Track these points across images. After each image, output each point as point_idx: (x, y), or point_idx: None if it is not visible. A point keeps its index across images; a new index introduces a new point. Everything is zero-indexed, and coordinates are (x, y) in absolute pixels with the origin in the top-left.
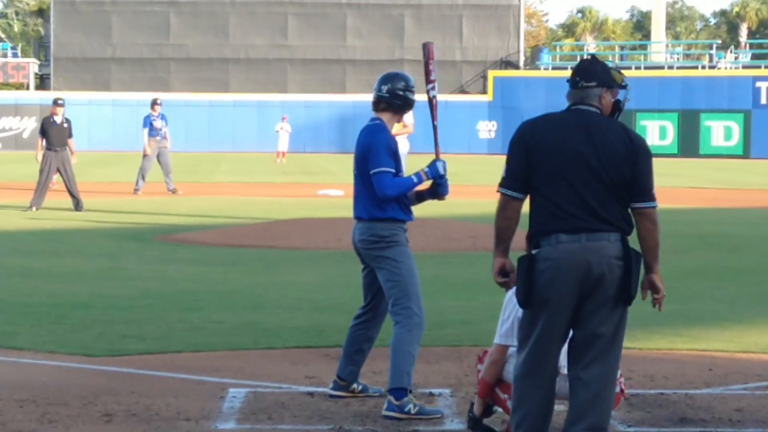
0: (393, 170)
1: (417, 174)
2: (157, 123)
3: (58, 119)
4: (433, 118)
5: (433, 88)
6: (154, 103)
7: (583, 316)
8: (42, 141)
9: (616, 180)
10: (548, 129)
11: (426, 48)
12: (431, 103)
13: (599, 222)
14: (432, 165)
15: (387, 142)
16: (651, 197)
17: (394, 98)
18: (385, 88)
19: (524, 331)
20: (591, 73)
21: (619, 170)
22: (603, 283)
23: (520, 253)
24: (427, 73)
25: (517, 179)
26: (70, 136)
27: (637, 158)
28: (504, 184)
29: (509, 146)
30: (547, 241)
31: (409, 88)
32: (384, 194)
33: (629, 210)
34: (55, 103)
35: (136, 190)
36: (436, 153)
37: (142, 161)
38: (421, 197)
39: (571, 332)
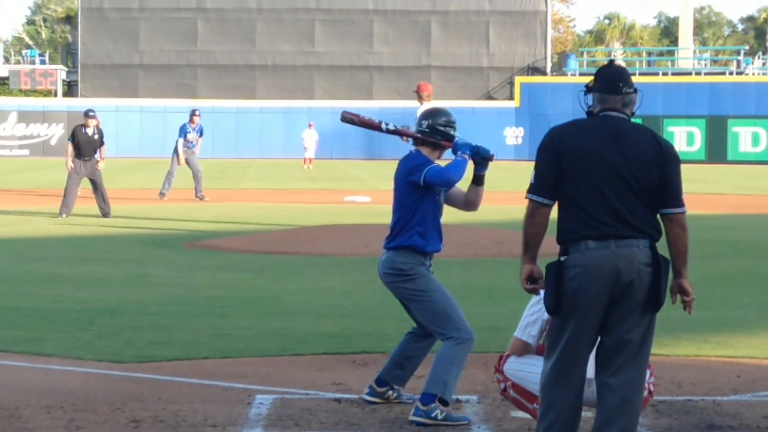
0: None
1: (459, 157)
2: (191, 135)
3: (89, 131)
4: (413, 136)
5: (386, 124)
6: (193, 114)
7: (612, 323)
8: (71, 147)
9: (646, 186)
10: (577, 135)
11: (346, 117)
12: (400, 132)
13: (628, 228)
14: (458, 144)
15: (429, 161)
16: (680, 203)
17: (434, 133)
18: (425, 123)
19: (552, 337)
20: (630, 79)
21: (648, 176)
22: (632, 289)
23: (548, 260)
24: (369, 124)
25: (546, 185)
26: (101, 144)
27: (666, 164)
28: (532, 190)
29: (538, 152)
30: (576, 248)
31: (449, 124)
32: (449, 179)
33: (658, 216)
34: (87, 114)
35: (162, 195)
36: (449, 146)
37: (170, 166)
38: (478, 179)
39: (599, 338)
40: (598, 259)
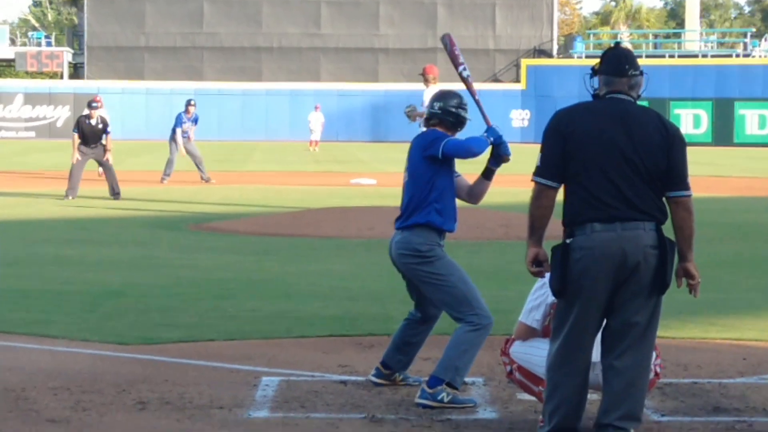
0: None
1: (483, 137)
2: (186, 125)
3: (93, 121)
4: (473, 94)
5: (464, 69)
6: (188, 104)
7: (618, 305)
8: (76, 138)
9: (652, 169)
10: (584, 118)
11: (445, 40)
12: (467, 83)
13: (634, 211)
14: (489, 129)
15: (446, 135)
16: (686, 186)
17: (446, 115)
18: (438, 105)
19: (558, 320)
20: (635, 62)
21: (654, 159)
22: (638, 271)
23: (553, 242)
24: (455, 58)
25: (552, 168)
26: (105, 133)
27: (672, 147)
28: (538, 172)
29: (544, 135)
30: (582, 230)
31: (461, 106)
32: (469, 149)
33: (664, 199)
34: (90, 105)
35: (163, 179)
36: (487, 122)
37: (170, 154)
38: (489, 173)
39: (604, 321)
40: (604, 241)
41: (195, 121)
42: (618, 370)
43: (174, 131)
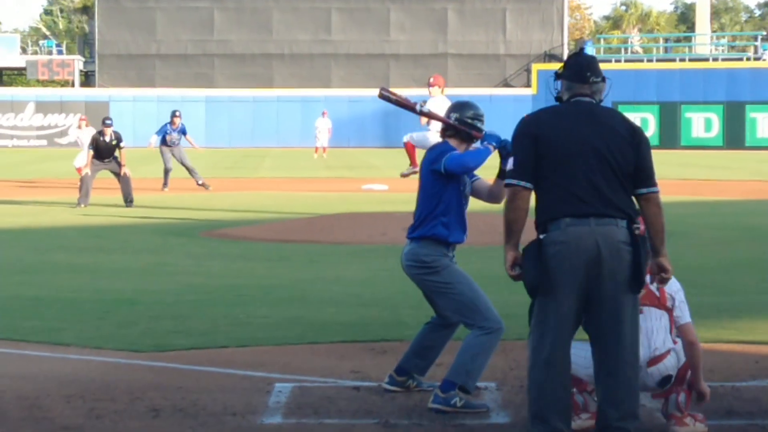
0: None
1: (484, 146)
2: (173, 136)
3: (107, 138)
4: (445, 122)
5: (421, 105)
6: (173, 115)
7: (597, 305)
8: (91, 154)
9: (623, 164)
10: (552, 119)
11: (384, 94)
12: (432, 116)
13: (607, 207)
14: (487, 136)
15: (452, 149)
16: (654, 182)
17: (462, 126)
18: (453, 116)
19: (535, 318)
20: (598, 68)
21: (624, 156)
22: (613, 268)
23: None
24: (405, 102)
25: (525, 170)
26: (119, 148)
27: (640, 144)
28: (512, 175)
29: (513, 139)
30: (556, 225)
31: (477, 117)
32: (465, 165)
33: (633, 197)
34: (104, 123)
35: (164, 186)
36: (478, 136)
37: (164, 163)
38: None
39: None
40: (578, 235)
41: (183, 131)
42: (608, 371)
43: (155, 140)
